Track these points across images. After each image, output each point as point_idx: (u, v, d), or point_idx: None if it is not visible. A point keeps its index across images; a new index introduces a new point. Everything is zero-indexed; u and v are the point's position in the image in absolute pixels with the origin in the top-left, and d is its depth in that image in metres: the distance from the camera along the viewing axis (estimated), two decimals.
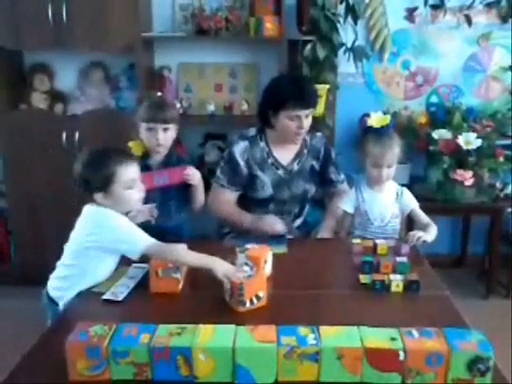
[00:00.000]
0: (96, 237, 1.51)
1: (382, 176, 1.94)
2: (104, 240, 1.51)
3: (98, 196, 1.53)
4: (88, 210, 1.57)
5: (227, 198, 2.08)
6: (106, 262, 1.58)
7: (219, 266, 1.45)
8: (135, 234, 1.52)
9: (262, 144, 2.08)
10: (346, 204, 2.02)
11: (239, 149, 2.06)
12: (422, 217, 1.98)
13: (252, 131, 2.11)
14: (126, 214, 1.61)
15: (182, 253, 1.51)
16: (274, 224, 1.97)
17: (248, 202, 2.13)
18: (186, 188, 1.98)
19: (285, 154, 2.10)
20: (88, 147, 1.59)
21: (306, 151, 2.12)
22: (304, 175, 2.11)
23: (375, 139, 1.94)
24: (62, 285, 1.59)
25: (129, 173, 1.54)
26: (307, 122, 2.00)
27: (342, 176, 2.23)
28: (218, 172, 2.10)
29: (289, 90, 1.98)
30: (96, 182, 1.51)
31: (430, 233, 1.88)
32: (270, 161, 2.08)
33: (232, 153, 2.06)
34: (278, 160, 2.09)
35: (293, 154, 2.10)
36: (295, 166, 2.10)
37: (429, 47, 3.06)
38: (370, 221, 1.99)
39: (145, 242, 1.50)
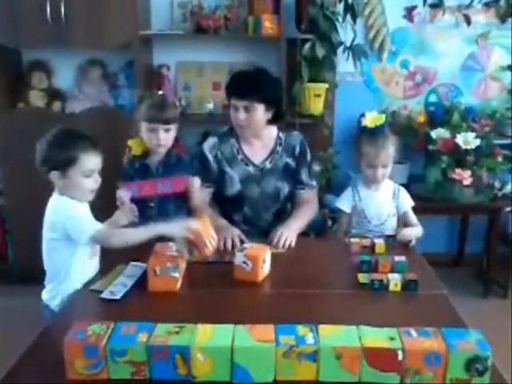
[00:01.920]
0: (54, 226, 1.53)
1: (377, 176, 1.94)
2: (60, 229, 1.52)
3: (54, 175, 1.53)
4: (50, 200, 1.58)
5: (201, 196, 2.04)
6: (77, 258, 1.56)
7: (173, 230, 1.54)
8: (85, 221, 1.52)
9: (233, 140, 2.09)
10: (342, 203, 2.02)
11: (208, 145, 2.09)
12: (412, 218, 1.99)
13: (225, 128, 2.13)
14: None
15: (130, 232, 1.56)
16: (229, 238, 1.85)
17: (223, 202, 2.12)
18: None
19: (257, 152, 2.09)
20: (57, 127, 1.58)
21: (279, 149, 2.10)
22: (277, 173, 2.09)
23: (369, 139, 1.94)
24: (50, 287, 1.61)
25: (90, 162, 1.55)
26: (247, 115, 1.96)
27: (314, 183, 2.19)
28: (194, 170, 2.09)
29: (233, 80, 2.04)
30: (56, 161, 1.52)
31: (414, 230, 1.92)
32: (239, 157, 2.08)
33: (202, 149, 2.09)
34: (248, 156, 2.08)
35: (266, 152, 2.09)
36: (267, 164, 2.08)
37: (428, 46, 3.06)
38: (367, 219, 1.99)
39: (91, 229, 1.50)
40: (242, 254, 1.56)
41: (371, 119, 1.96)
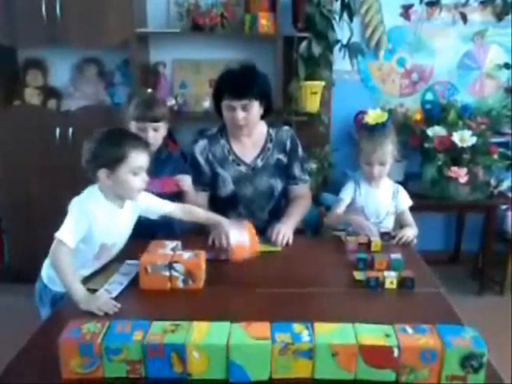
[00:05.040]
0: (69, 209, 1.51)
1: (374, 173, 1.94)
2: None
3: (102, 172, 1.51)
4: (89, 188, 1.57)
5: (197, 200, 2.03)
6: (79, 254, 1.53)
7: (82, 301, 1.38)
8: (70, 226, 1.47)
9: (223, 141, 2.08)
10: (344, 193, 2.00)
11: (198, 148, 2.07)
12: (409, 218, 2.00)
13: (213, 129, 2.11)
14: None
15: (67, 269, 1.44)
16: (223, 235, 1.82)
17: (217, 204, 2.11)
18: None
19: (247, 151, 2.08)
20: (107, 128, 1.57)
21: (270, 146, 2.09)
22: (269, 170, 2.08)
23: (368, 136, 1.94)
24: (51, 272, 1.58)
25: (139, 159, 1.53)
26: (246, 114, 1.95)
27: (307, 177, 2.18)
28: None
29: (225, 80, 2.01)
30: (105, 158, 1.50)
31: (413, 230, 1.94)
32: (230, 157, 2.07)
33: (193, 153, 2.08)
34: (239, 156, 2.07)
35: (257, 150, 2.08)
36: (259, 162, 2.07)
37: (424, 44, 3.06)
38: (365, 217, 1.98)
39: (63, 233, 1.45)
40: (236, 232, 1.58)
41: (373, 116, 1.95)
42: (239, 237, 1.59)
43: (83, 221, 1.49)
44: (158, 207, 1.73)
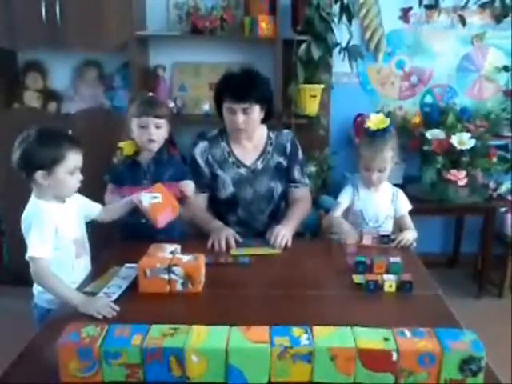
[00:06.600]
0: (24, 231, 1.51)
1: (372, 179, 1.93)
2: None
3: (39, 174, 1.51)
4: (28, 204, 1.56)
5: (197, 202, 2.05)
6: (60, 259, 1.53)
7: (80, 305, 1.39)
8: (36, 240, 1.46)
9: (223, 143, 2.08)
10: (343, 197, 2.01)
11: (199, 150, 2.08)
12: (408, 222, 2.00)
13: (213, 132, 2.11)
14: None
15: (55, 283, 1.44)
16: (223, 238, 1.85)
17: (217, 206, 2.11)
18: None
19: (248, 153, 2.08)
20: (34, 127, 1.56)
21: (270, 149, 2.09)
22: (269, 173, 2.08)
23: (368, 142, 1.93)
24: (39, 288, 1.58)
25: (75, 159, 1.54)
26: (246, 118, 1.96)
27: (307, 181, 2.19)
28: None
29: (226, 83, 2.01)
30: (42, 160, 1.50)
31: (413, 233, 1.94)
32: (230, 160, 2.07)
33: (193, 155, 2.08)
34: (240, 159, 2.07)
35: (257, 153, 2.09)
36: (259, 165, 2.08)
37: (423, 47, 3.07)
38: (364, 221, 1.98)
39: (34, 251, 1.44)
40: (147, 195, 1.67)
41: (375, 121, 1.92)
42: (151, 199, 1.65)
43: (46, 225, 1.49)
44: (91, 206, 1.73)
